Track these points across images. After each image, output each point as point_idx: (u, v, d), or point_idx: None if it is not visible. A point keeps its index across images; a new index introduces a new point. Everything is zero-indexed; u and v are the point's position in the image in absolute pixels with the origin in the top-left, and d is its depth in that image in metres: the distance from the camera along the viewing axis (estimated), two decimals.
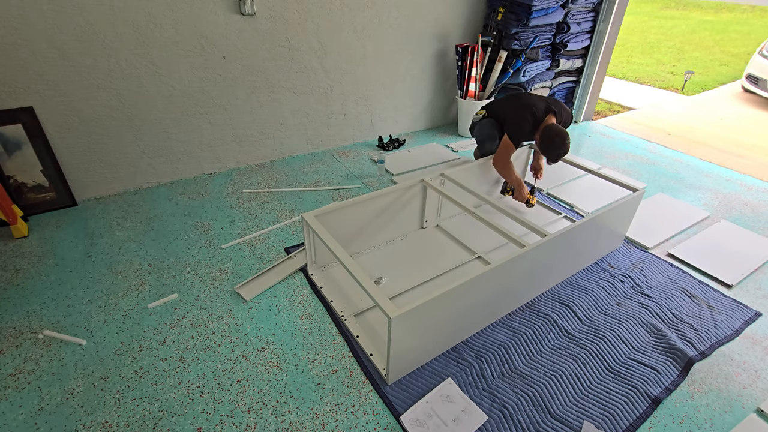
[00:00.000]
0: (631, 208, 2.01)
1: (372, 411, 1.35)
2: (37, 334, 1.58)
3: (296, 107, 2.84)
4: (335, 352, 1.54)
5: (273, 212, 2.35)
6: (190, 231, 2.18)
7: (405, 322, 1.29)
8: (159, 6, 2.16)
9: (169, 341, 1.56)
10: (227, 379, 1.44)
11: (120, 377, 1.43)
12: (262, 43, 2.52)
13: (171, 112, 2.44)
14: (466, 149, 3.19)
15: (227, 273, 1.90)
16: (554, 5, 3.06)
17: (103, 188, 2.44)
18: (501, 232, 1.68)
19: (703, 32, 9.41)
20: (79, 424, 1.28)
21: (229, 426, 1.29)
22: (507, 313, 1.73)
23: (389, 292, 1.78)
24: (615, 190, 2.60)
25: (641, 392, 1.42)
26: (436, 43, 3.22)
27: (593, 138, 3.51)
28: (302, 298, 1.78)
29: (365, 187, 2.63)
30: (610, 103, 4.73)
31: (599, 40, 3.41)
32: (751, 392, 1.45)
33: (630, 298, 1.83)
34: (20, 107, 2.06)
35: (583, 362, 1.52)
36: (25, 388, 1.39)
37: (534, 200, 2.26)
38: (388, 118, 3.32)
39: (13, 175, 2.16)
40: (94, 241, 2.08)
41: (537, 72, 3.29)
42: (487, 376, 1.46)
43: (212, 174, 2.73)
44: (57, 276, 1.85)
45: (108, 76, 2.19)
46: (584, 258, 1.95)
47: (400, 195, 2.00)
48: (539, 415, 1.34)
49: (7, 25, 1.90)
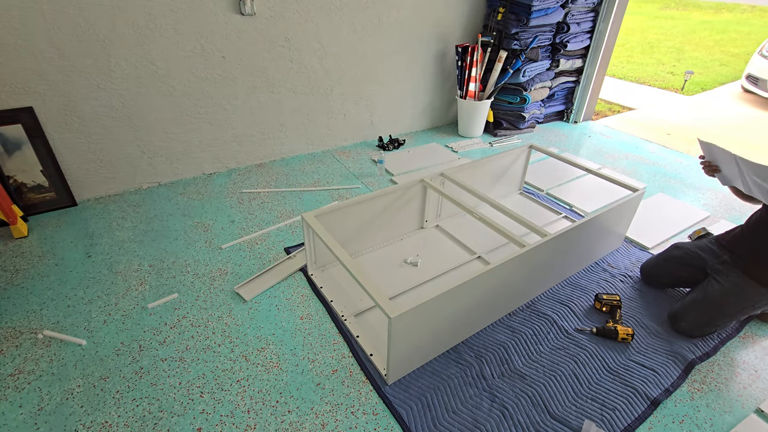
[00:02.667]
0: (631, 208, 2.01)
1: (372, 411, 1.35)
2: (37, 334, 1.58)
3: (296, 107, 2.84)
4: (335, 352, 1.54)
5: (273, 212, 2.35)
6: (190, 231, 2.18)
7: (405, 322, 1.29)
8: (159, 6, 2.16)
9: (169, 341, 1.56)
10: (227, 379, 1.44)
11: (120, 377, 1.43)
12: (262, 43, 2.52)
13: (171, 112, 2.44)
14: (466, 149, 3.19)
15: (227, 273, 1.90)
16: (554, 5, 3.06)
17: (103, 188, 2.44)
18: (501, 232, 1.68)
19: (703, 32, 9.41)
20: (79, 424, 1.28)
21: (229, 426, 1.29)
22: (507, 313, 1.73)
23: (389, 292, 1.78)
24: (615, 190, 2.60)
25: (640, 393, 1.42)
26: (436, 43, 3.22)
27: (593, 138, 3.51)
28: (302, 298, 1.78)
29: (365, 187, 2.63)
30: (610, 103, 4.73)
31: (599, 40, 3.41)
32: (751, 392, 1.45)
33: (630, 299, 1.83)
34: (20, 107, 2.06)
35: (583, 363, 1.52)
36: (24, 388, 1.39)
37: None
38: (388, 118, 3.32)
39: (13, 175, 2.16)
40: (94, 241, 2.08)
41: (537, 72, 3.29)
42: (487, 376, 1.46)
43: (212, 174, 2.73)
44: (57, 276, 1.85)
45: (108, 76, 2.19)
46: (584, 258, 1.95)
47: (400, 195, 2.00)
48: (539, 415, 1.34)
49: (7, 25, 1.90)
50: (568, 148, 3.29)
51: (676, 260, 1.81)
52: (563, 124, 3.78)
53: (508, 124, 3.47)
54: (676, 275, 1.82)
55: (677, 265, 1.80)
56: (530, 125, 3.55)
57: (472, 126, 3.37)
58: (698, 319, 1.61)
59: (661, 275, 1.86)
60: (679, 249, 1.84)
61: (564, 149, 3.27)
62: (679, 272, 1.80)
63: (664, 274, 1.85)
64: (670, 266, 1.83)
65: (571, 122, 3.81)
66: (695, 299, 1.64)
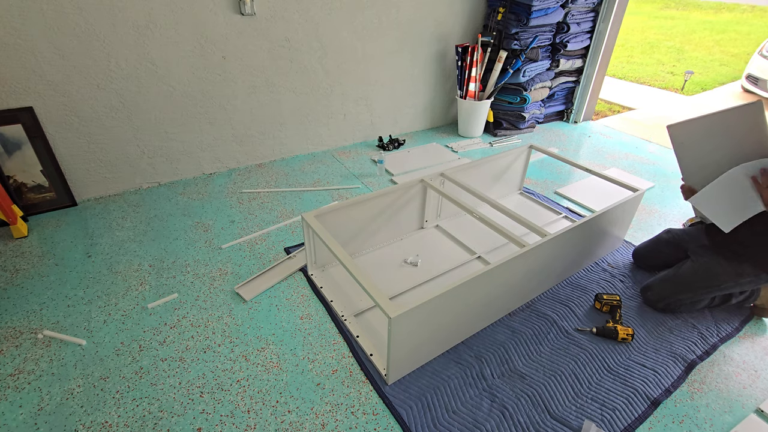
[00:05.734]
0: (631, 209, 2.01)
1: (372, 411, 1.35)
2: (36, 334, 1.57)
3: (296, 107, 2.84)
4: (335, 352, 1.54)
5: (273, 212, 2.35)
6: (190, 231, 2.18)
7: (405, 322, 1.29)
8: (159, 6, 2.16)
9: (169, 341, 1.56)
10: (227, 379, 1.44)
11: (120, 377, 1.43)
12: (262, 44, 2.52)
13: (171, 112, 2.44)
14: (466, 149, 3.19)
15: (227, 273, 1.90)
16: (554, 5, 3.06)
17: (103, 188, 2.44)
18: (501, 232, 1.68)
19: (703, 32, 9.40)
20: (78, 424, 1.28)
21: (229, 426, 1.29)
22: (507, 313, 1.73)
23: (389, 292, 1.78)
24: (616, 190, 2.60)
25: (641, 393, 1.42)
26: (436, 43, 3.22)
27: (593, 138, 3.51)
28: (302, 298, 1.78)
29: (365, 187, 2.63)
30: (610, 103, 4.73)
31: (599, 40, 3.41)
32: (751, 392, 1.45)
33: (630, 299, 1.83)
34: (20, 107, 2.06)
35: (583, 362, 1.52)
36: (24, 388, 1.39)
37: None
38: (388, 118, 3.32)
39: (13, 175, 2.16)
40: (94, 241, 2.08)
41: (537, 72, 3.29)
42: (487, 376, 1.46)
43: (212, 174, 2.73)
44: (57, 276, 1.85)
45: (108, 76, 2.19)
46: (584, 258, 1.95)
47: (400, 195, 2.00)
48: (539, 415, 1.34)
49: (7, 25, 1.90)
50: (568, 148, 3.29)
51: (663, 243, 1.92)
52: (563, 124, 3.78)
53: (508, 124, 3.47)
54: (663, 258, 1.91)
55: (664, 247, 1.91)
56: (530, 125, 3.55)
57: (472, 126, 3.37)
58: (664, 290, 1.73)
59: (650, 257, 1.97)
60: (669, 233, 1.94)
61: (564, 149, 3.27)
62: (665, 255, 1.90)
63: (651, 257, 1.96)
64: (658, 248, 1.93)
65: (571, 122, 3.81)
66: (667, 274, 1.76)
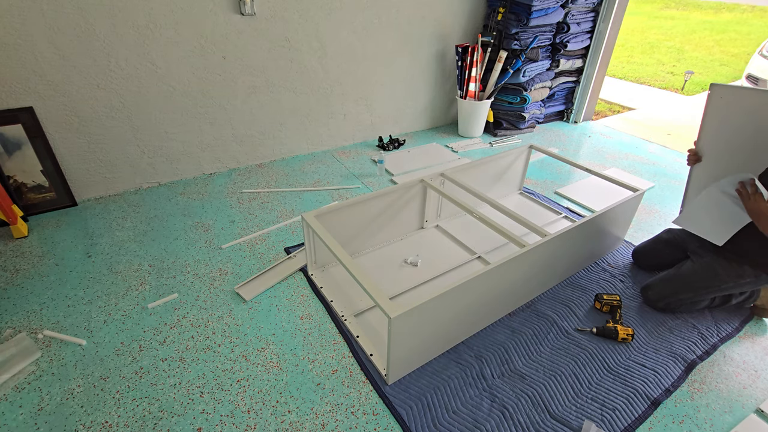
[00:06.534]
0: (632, 209, 2.01)
1: (372, 411, 1.35)
2: (36, 334, 1.58)
3: (296, 107, 2.84)
4: (335, 352, 1.54)
5: (273, 212, 2.35)
6: (190, 231, 2.18)
7: (405, 322, 1.29)
8: (159, 6, 2.16)
9: (169, 341, 1.56)
10: (227, 379, 1.44)
11: (120, 377, 1.43)
12: (262, 44, 2.52)
13: (171, 112, 2.44)
14: (466, 149, 3.19)
15: (227, 273, 1.90)
16: (554, 5, 3.06)
17: (103, 188, 2.44)
18: (501, 232, 1.68)
19: (703, 32, 9.40)
20: (79, 424, 1.28)
21: (229, 426, 1.29)
22: (507, 313, 1.73)
23: (389, 292, 1.78)
24: (616, 190, 2.60)
25: (641, 393, 1.42)
26: (436, 43, 3.22)
27: (593, 138, 3.51)
28: (302, 298, 1.78)
29: (365, 187, 2.63)
30: (610, 103, 4.73)
31: (599, 40, 3.41)
32: (751, 392, 1.45)
33: (630, 299, 1.83)
34: (20, 107, 2.06)
35: (583, 363, 1.52)
36: (25, 388, 1.39)
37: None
38: (388, 118, 3.32)
39: (13, 175, 2.16)
40: (94, 241, 2.08)
41: (537, 72, 3.29)
42: (487, 377, 1.46)
43: (212, 174, 2.73)
44: (57, 276, 1.85)
45: (108, 76, 2.19)
46: (584, 258, 1.95)
47: (400, 195, 2.00)
48: (539, 415, 1.34)
49: (7, 25, 1.90)
50: (568, 148, 3.29)
51: (663, 242, 1.92)
52: (563, 124, 3.78)
53: (508, 124, 3.47)
54: (662, 257, 1.91)
55: (664, 246, 1.91)
56: (530, 125, 3.55)
57: (472, 126, 3.37)
58: (664, 289, 1.72)
59: (649, 257, 1.96)
60: (669, 233, 1.95)
61: (564, 149, 3.27)
62: (665, 254, 1.90)
63: (651, 256, 1.95)
64: (658, 248, 1.94)
65: (571, 122, 3.81)
66: (668, 274, 1.76)
